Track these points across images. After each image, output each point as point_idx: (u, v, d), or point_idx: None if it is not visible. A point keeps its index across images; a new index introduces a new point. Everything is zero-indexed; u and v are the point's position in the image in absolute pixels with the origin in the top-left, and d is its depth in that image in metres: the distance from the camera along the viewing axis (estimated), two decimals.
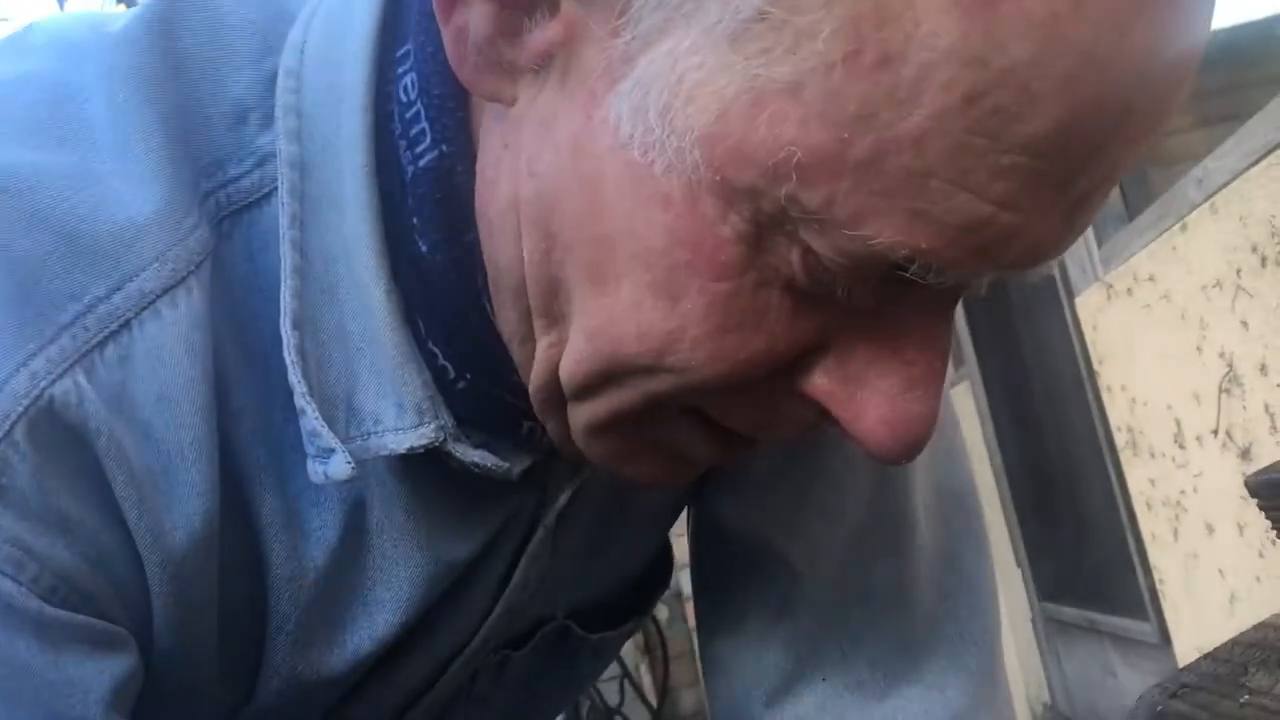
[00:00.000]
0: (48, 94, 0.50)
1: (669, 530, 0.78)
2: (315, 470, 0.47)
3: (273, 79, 0.51)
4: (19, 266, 0.45)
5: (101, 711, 0.45)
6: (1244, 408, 1.63)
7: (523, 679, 0.70)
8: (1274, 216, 1.47)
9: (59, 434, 0.44)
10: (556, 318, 0.46)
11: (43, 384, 0.44)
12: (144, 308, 0.46)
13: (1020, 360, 3.21)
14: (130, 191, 0.47)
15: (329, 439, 0.47)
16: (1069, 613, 3.15)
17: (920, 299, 0.42)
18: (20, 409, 0.43)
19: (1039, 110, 0.35)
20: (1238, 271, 1.58)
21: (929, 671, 0.68)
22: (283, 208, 0.48)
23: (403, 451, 0.48)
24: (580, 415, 0.48)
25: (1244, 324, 1.59)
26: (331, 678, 0.55)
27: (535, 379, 0.48)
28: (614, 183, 0.41)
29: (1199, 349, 1.75)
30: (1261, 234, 1.50)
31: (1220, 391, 1.69)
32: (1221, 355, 1.68)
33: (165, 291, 0.46)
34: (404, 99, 0.49)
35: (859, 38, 0.35)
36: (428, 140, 0.48)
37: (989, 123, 0.35)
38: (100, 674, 0.45)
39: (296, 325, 0.48)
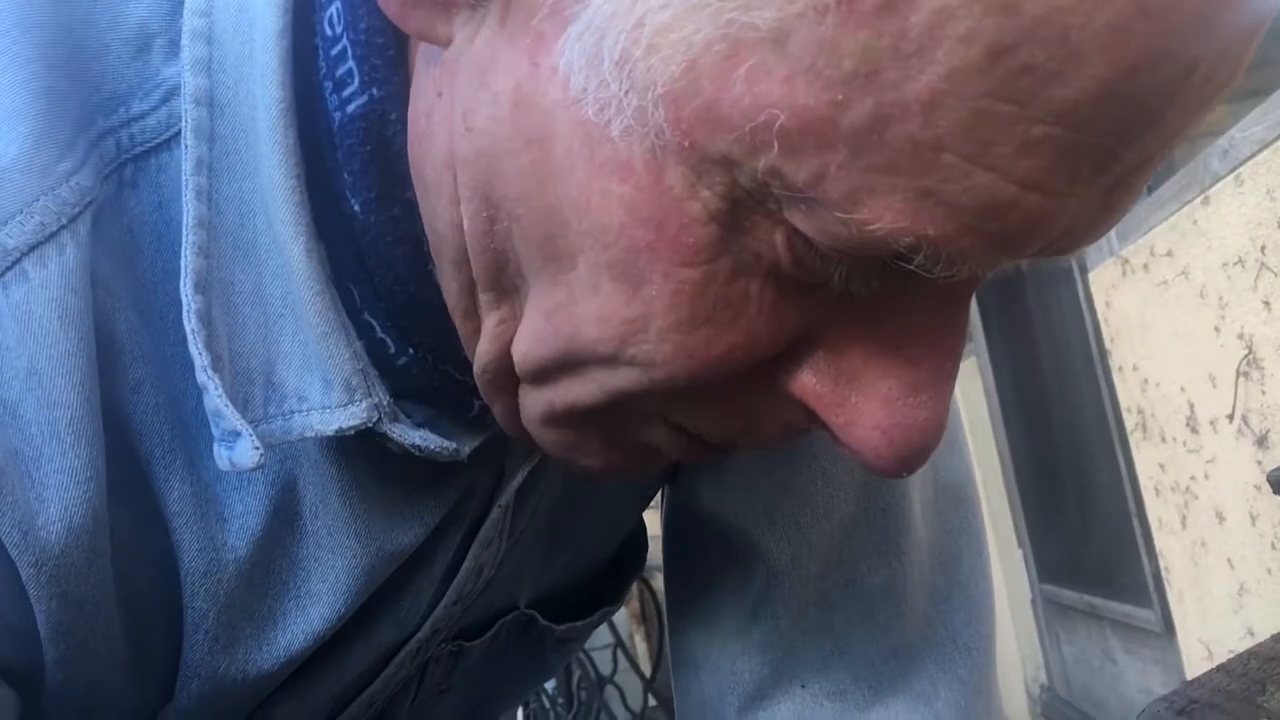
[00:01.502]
0: None
1: (642, 512, 0.72)
2: (220, 456, 0.42)
3: (180, 0, 0.44)
4: None
5: None
6: (1263, 392, 1.57)
7: (480, 670, 0.65)
8: None
9: None
10: (507, 291, 0.41)
11: None
12: (6, 268, 0.40)
13: (1030, 336, 3.17)
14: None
15: (234, 420, 0.41)
16: (1070, 596, 3.14)
17: (928, 289, 0.35)
18: None
19: (1080, 69, 0.28)
20: (1262, 248, 1.52)
21: (917, 681, 0.63)
22: (186, 151, 0.42)
23: (330, 433, 0.43)
24: (535, 402, 0.42)
25: (1266, 304, 1.53)
26: (260, 677, 0.50)
27: (482, 358, 0.42)
28: (563, 145, 0.35)
29: (1217, 329, 1.69)
30: None
31: (1238, 375, 1.63)
32: (1240, 336, 1.61)
33: (32, 249, 0.40)
34: (329, 33, 0.43)
35: None
36: (355, 83, 0.42)
37: (1017, 84, 0.28)
38: None
39: (201, 288, 0.42)
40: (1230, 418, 1.69)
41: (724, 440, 0.42)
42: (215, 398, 0.41)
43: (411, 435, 0.45)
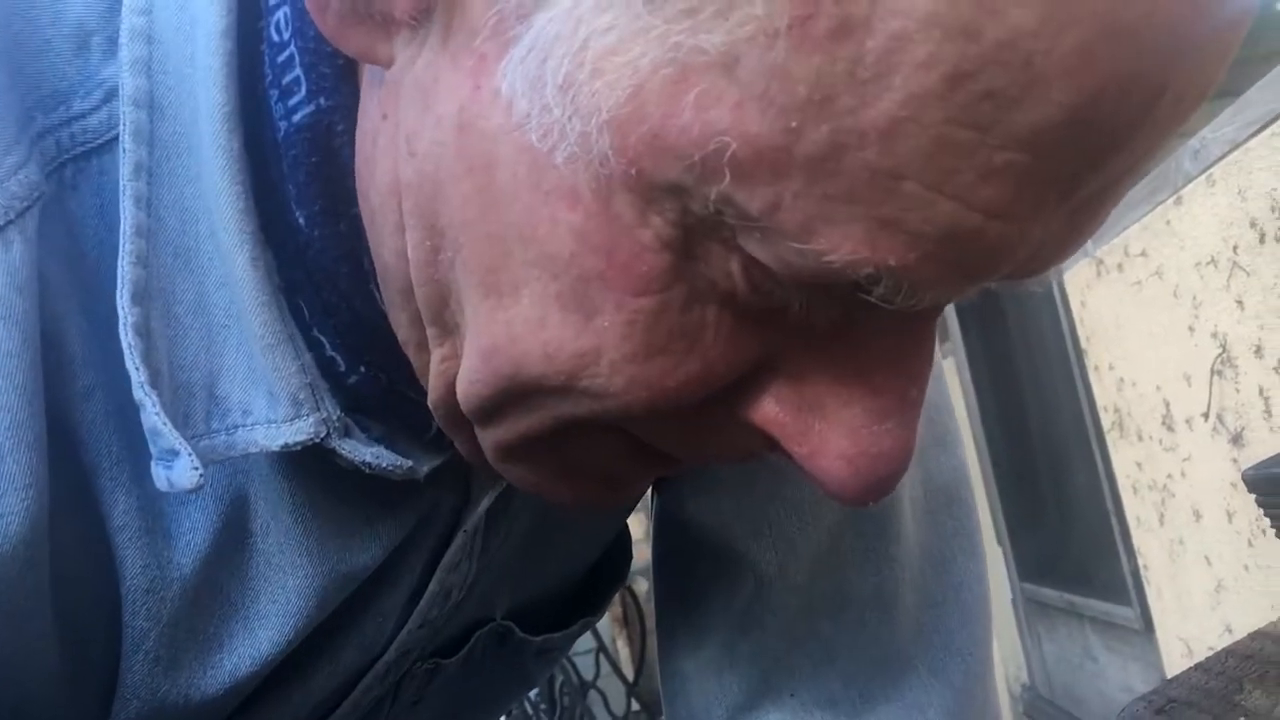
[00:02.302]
0: None
1: (624, 521, 0.71)
2: (158, 475, 0.40)
3: None
4: None
5: None
6: (1237, 390, 1.58)
7: (458, 684, 0.63)
8: (1274, 190, 1.40)
9: None
10: (449, 328, 0.39)
11: None
12: None
13: (1006, 337, 3.18)
14: None
15: (172, 439, 0.39)
16: (1050, 594, 3.14)
17: (892, 316, 0.33)
18: None
19: (1044, 95, 0.27)
20: (1234, 248, 1.52)
21: (910, 688, 0.62)
22: (124, 154, 0.40)
23: (275, 448, 0.41)
24: (488, 438, 0.40)
25: (1239, 303, 1.54)
26: (204, 702, 0.47)
27: (432, 394, 0.41)
28: (508, 171, 0.33)
29: (1191, 328, 1.70)
30: (1261, 208, 1.44)
31: (1212, 373, 1.64)
32: (1214, 335, 1.62)
33: None
34: (276, 38, 0.41)
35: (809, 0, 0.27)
36: (302, 91, 0.40)
37: (979, 111, 0.27)
38: None
39: (138, 299, 0.40)
40: (1205, 416, 1.70)
41: (682, 457, 0.41)
42: (152, 415, 0.39)
43: (362, 452, 0.43)
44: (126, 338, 0.39)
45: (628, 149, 0.30)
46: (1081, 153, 0.29)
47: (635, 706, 4.08)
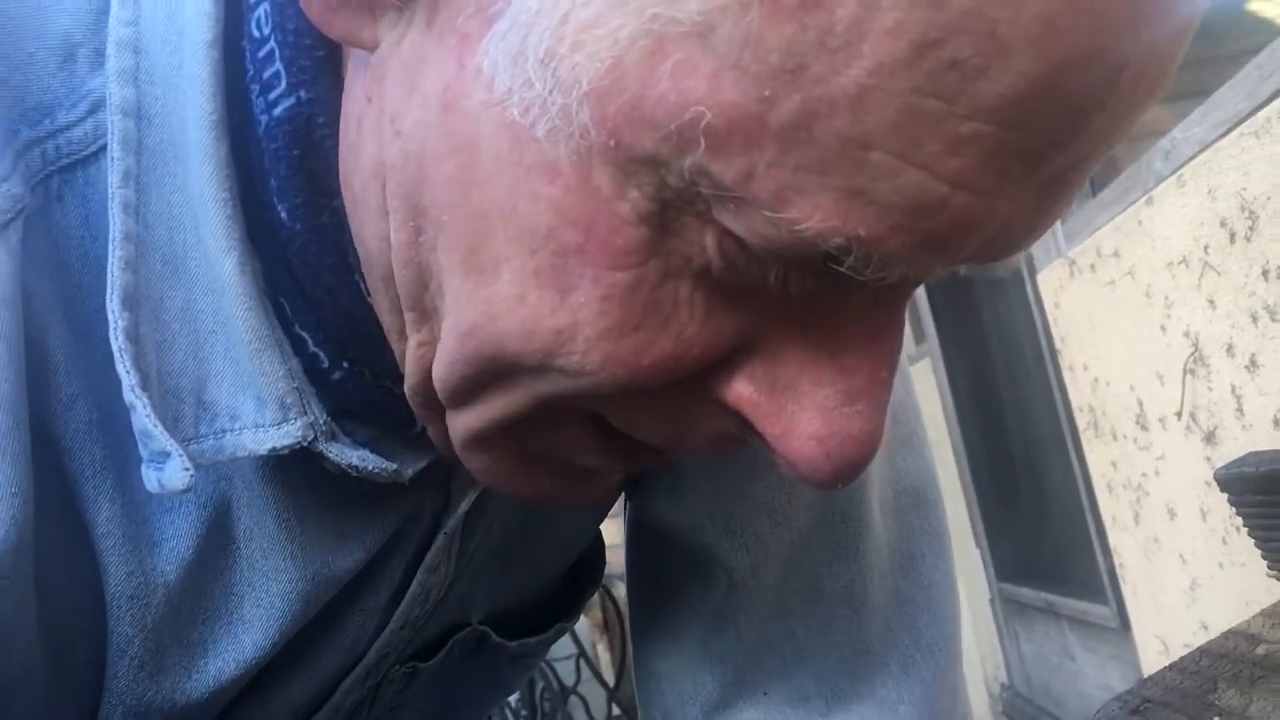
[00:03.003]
0: None
1: (599, 525, 0.71)
2: (149, 478, 0.40)
3: (105, 7, 0.43)
4: None
5: None
6: (1209, 389, 1.59)
7: (435, 687, 0.63)
8: (1244, 190, 1.41)
9: None
10: (427, 312, 0.39)
11: None
12: None
13: (982, 338, 3.20)
14: None
15: (163, 441, 0.40)
16: (1028, 594, 3.16)
17: (863, 294, 0.34)
18: None
19: (1008, 65, 0.28)
20: (1205, 248, 1.53)
21: (881, 686, 0.63)
22: (112, 163, 0.41)
23: (263, 453, 0.42)
24: (459, 424, 0.41)
25: (1211, 302, 1.54)
26: (189, 707, 0.48)
27: (408, 380, 0.41)
28: (490, 148, 0.34)
29: (1163, 328, 1.71)
30: (1231, 208, 1.45)
31: (1185, 372, 1.65)
32: (1186, 335, 1.63)
33: None
34: (256, 34, 0.41)
35: None
36: (283, 84, 0.41)
37: (945, 80, 0.28)
38: None
39: (128, 304, 0.40)
40: (1179, 415, 1.71)
41: (656, 442, 0.41)
42: (143, 417, 0.40)
43: (349, 455, 0.44)
44: (117, 342, 0.40)
45: (607, 120, 0.31)
46: (1046, 126, 0.29)
47: (616, 712, 4.08)
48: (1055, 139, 0.30)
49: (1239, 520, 1.01)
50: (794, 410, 0.36)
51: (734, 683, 0.63)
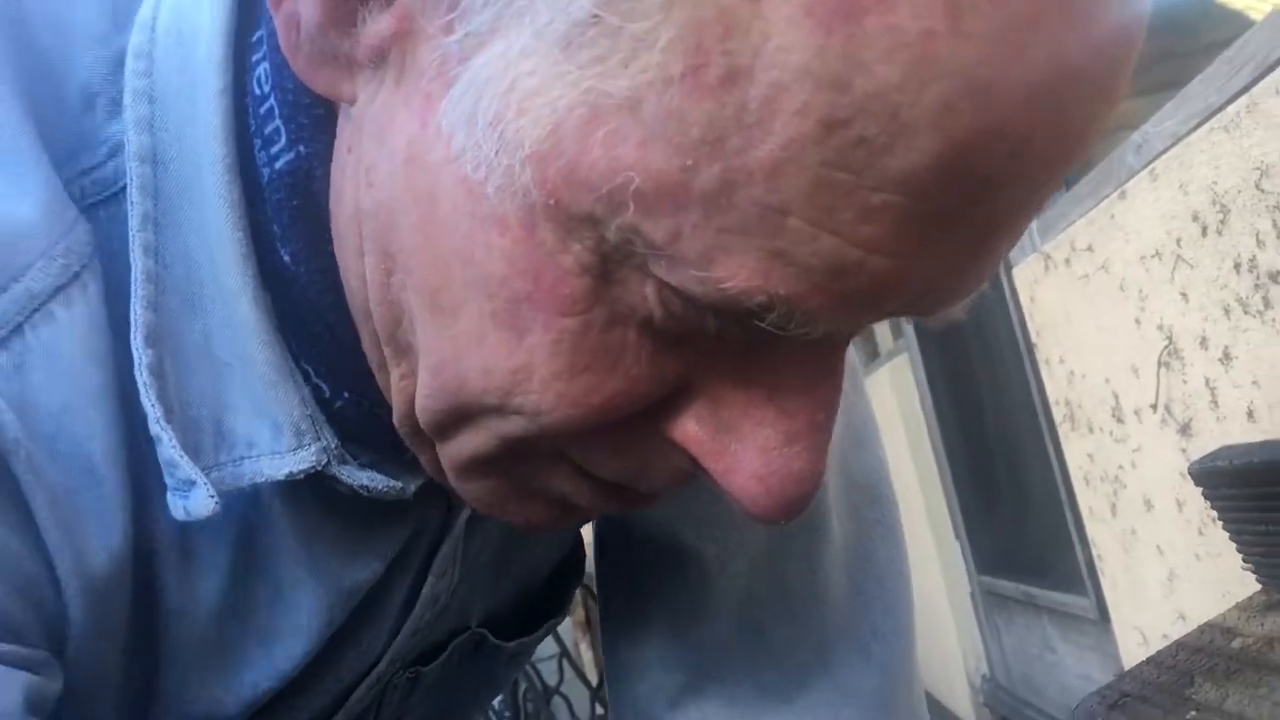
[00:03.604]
0: None
1: (584, 524, 0.73)
2: (175, 505, 0.43)
3: (121, 60, 0.45)
4: None
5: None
6: (1184, 382, 1.60)
7: (436, 691, 0.66)
8: (1215, 183, 1.42)
9: None
10: (402, 348, 0.42)
11: None
12: (33, 311, 0.42)
13: (959, 332, 3.21)
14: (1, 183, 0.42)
15: (189, 470, 0.43)
16: (1007, 586, 3.17)
17: (800, 345, 0.36)
18: None
19: (911, 143, 0.29)
20: (1178, 241, 1.54)
21: (840, 670, 0.66)
22: (132, 207, 0.44)
23: (281, 477, 0.45)
24: (445, 455, 0.44)
25: (1184, 295, 1.56)
26: (227, 716, 0.52)
27: (395, 412, 0.44)
28: (448, 200, 0.37)
29: (1138, 321, 1.72)
30: (1202, 201, 1.46)
31: (1159, 365, 1.66)
32: (1160, 328, 1.64)
33: (58, 290, 0.42)
34: (258, 92, 0.44)
35: (701, 50, 0.30)
36: (283, 140, 0.44)
37: (852, 155, 0.30)
38: (14, 685, 0.41)
39: (151, 340, 0.43)
40: (1154, 407, 1.72)
41: (618, 480, 0.43)
42: (169, 448, 0.42)
43: (359, 476, 0.46)
44: (142, 377, 0.42)
45: (547, 181, 0.33)
46: (956, 194, 0.31)
47: (599, 711, 4.07)
48: (969, 203, 0.31)
49: (1219, 521, 1.01)
50: (737, 449, 0.38)
51: (700, 671, 0.66)
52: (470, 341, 0.38)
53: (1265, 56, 1.32)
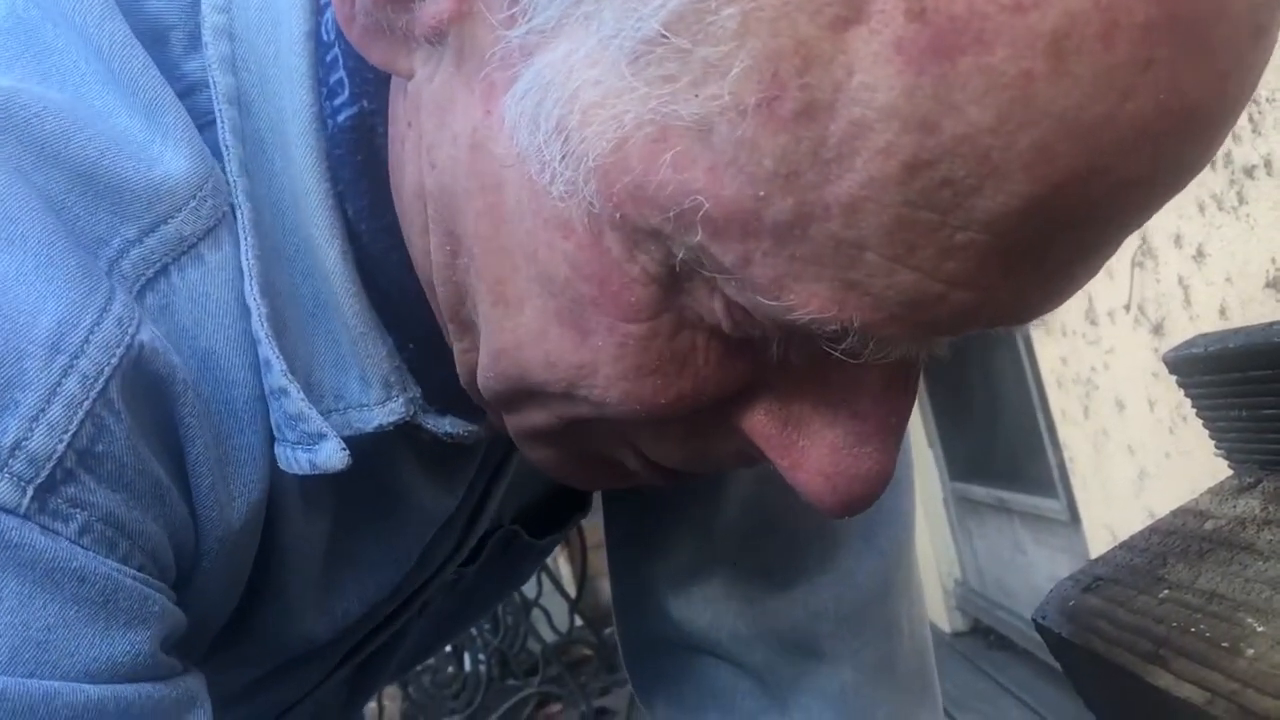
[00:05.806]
0: (12, 24, 0.42)
1: None
2: (299, 459, 0.42)
3: None
4: (52, 202, 0.38)
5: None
6: (1157, 281, 1.60)
7: (471, 588, 0.69)
8: None
9: (150, 390, 0.39)
10: (466, 325, 0.42)
11: (130, 331, 0.38)
12: (182, 253, 0.41)
13: None
14: (138, 126, 0.41)
15: (319, 423, 0.42)
16: (979, 492, 3.21)
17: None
18: (114, 361, 0.37)
19: (1002, 185, 0.28)
20: None
21: (842, 556, 0.68)
22: (228, 151, 0.42)
23: (370, 430, 0.44)
24: (510, 423, 0.45)
25: None
26: (317, 642, 0.53)
27: (462, 379, 0.45)
28: (513, 194, 0.36)
29: None
30: None
31: (1133, 265, 1.66)
32: None
33: (207, 233, 0.41)
34: (325, 38, 0.42)
35: (777, 81, 0.28)
36: (346, 93, 0.42)
37: (938, 196, 0.28)
38: (160, 627, 0.40)
39: (266, 291, 0.41)
40: (1127, 308, 1.72)
41: (678, 465, 0.43)
42: (298, 400, 0.41)
43: (441, 423, 0.47)
44: (263, 328, 0.41)
45: (612, 195, 0.32)
46: (1046, 232, 0.29)
47: (579, 622, 4.13)
48: (1056, 240, 0.30)
49: (1187, 409, 1.02)
50: (805, 445, 0.38)
51: (702, 551, 0.67)
52: (533, 335, 0.37)
53: None
